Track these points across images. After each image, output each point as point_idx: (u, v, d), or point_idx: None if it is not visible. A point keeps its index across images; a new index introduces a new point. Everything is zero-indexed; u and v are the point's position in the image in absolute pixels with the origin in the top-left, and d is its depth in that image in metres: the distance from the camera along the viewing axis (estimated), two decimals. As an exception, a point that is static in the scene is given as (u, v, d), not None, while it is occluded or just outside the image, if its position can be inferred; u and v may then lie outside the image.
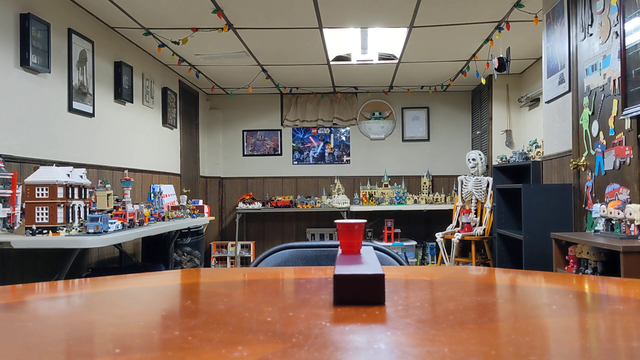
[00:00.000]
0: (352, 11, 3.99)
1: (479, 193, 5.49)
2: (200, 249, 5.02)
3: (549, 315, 0.58)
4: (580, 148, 3.26)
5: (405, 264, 1.26)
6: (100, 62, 4.16)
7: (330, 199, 6.51)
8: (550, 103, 3.78)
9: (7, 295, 0.72)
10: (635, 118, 2.61)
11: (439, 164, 6.91)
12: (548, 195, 3.49)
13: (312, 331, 0.47)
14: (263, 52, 5.06)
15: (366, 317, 0.53)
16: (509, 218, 4.49)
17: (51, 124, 3.50)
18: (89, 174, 3.58)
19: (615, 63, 2.78)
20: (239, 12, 3.99)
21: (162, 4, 3.82)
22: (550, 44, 3.73)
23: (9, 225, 2.67)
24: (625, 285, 0.77)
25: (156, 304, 0.63)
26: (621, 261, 2.18)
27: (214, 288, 0.73)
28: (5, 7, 3.07)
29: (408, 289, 0.72)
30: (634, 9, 2.56)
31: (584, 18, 3.18)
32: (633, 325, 0.51)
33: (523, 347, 0.42)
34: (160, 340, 0.49)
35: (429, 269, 0.97)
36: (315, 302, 0.64)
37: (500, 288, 0.81)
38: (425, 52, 5.11)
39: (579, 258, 2.75)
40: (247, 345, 0.44)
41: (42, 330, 0.52)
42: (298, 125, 6.97)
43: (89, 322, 0.57)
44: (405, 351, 0.42)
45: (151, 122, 5.17)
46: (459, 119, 6.96)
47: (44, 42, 3.34)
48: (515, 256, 4.34)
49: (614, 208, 2.55)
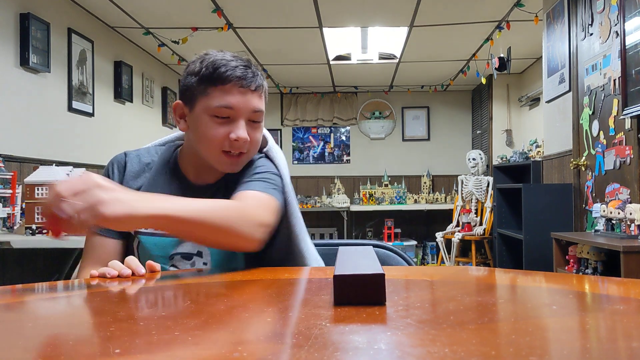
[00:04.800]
0: (352, 10, 3.99)
1: (479, 193, 5.49)
2: (200, 249, 5.01)
3: (549, 316, 0.58)
4: (581, 148, 3.26)
5: (414, 264, 1.27)
6: (100, 61, 4.16)
7: (330, 199, 6.51)
8: (550, 103, 3.78)
9: (7, 295, 0.72)
10: (635, 118, 2.61)
11: (439, 164, 6.90)
12: (548, 195, 3.49)
13: (312, 331, 0.47)
14: (263, 51, 5.06)
15: (366, 317, 0.53)
16: (509, 218, 4.48)
17: (51, 123, 3.50)
18: (89, 173, 3.57)
19: (615, 63, 2.78)
20: (239, 12, 3.99)
21: (161, 4, 3.82)
22: (551, 44, 3.72)
23: (8, 225, 2.67)
24: (625, 285, 0.77)
25: (156, 304, 0.63)
26: (621, 261, 2.18)
27: (213, 288, 0.73)
28: (5, 7, 3.06)
29: (408, 289, 0.71)
30: (634, 9, 2.56)
31: (584, 17, 3.18)
32: (633, 326, 0.51)
33: (523, 347, 0.42)
34: (160, 340, 0.49)
35: (429, 269, 0.97)
36: (315, 302, 0.64)
37: (500, 288, 0.81)
38: (425, 51, 5.11)
39: (579, 258, 2.75)
40: (246, 346, 0.44)
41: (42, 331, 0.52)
42: (298, 125, 6.97)
43: (89, 322, 0.57)
44: (405, 351, 0.42)
45: (151, 121, 5.17)
46: (459, 118, 6.96)
47: (43, 42, 3.34)
48: (516, 256, 4.33)
49: (614, 208, 2.55)
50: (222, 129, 1.02)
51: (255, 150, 1.10)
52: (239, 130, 1.02)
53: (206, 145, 1.04)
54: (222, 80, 1.01)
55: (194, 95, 1.04)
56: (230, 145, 1.03)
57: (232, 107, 1.02)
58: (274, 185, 1.06)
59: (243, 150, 1.05)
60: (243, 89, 1.02)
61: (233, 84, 1.01)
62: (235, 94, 1.02)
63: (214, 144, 1.03)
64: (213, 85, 1.02)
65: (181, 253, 1.07)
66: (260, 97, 1.07)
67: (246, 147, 1.05)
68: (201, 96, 1.03)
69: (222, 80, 1.01)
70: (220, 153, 1.04)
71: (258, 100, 1.05)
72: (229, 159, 1.05)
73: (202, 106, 1.02)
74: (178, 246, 1.07)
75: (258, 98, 1.06)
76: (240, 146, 1.03)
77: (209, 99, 1.02)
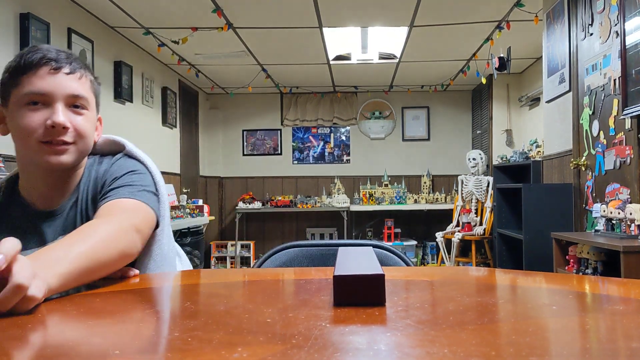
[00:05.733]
0: (352, 10, 3.99)
1: (480, 193, 5.49)
2: (200, 249, 5.02)
3: (550, 316, 0.58)
4: (581, 148, 3.26)
5: (412, 265, 1.27)
6: (100, 61, 4.16)
7: (331, 199, 6.51)
8: (550, 103, 3.78)
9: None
10: (635, 118, 2.61)
11: (439, 164, 6.90)
12: (548, 195, 3.49)
13: (312, 332, 0.47)
14: (263, 51, 5.06)
15: (366, 317, 0.53)
16: (509, 218, 4.48)
17: (51, 123, 3.49)
18: (89, 173, 3.58)
19: (615, 62, 2.78)
20: (239, 12, 3.99)
21: (161, 4, 3.82)
22: (551, 44, 3.72)
23: (9, 225, 2.66)
24: (625, 286, 0.77)
25: (156, 305, 0.63)
26: (621, 261, 2.18)
27: (213, 289, 0.73)
28: (5, 7, 3.06)
29: (408, 290, 0.71)
30: (634, 9, 2.56)
31: (584, 17, 3.18)
32: (633, 326, 0.51)
33: (523, 347, 0.42)
34: (159, 341, 0.49)
35: (429, 270, 0.97)
36: (315, 302, 0.64)
37: (500, 289, 0.81)
38: (425, 51, 5.11)
39: (579, 258, 2.75)
40: (246, 347, 0.44)
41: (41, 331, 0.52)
42: (298, 125, 6.97)
43: (89, 323, 0.57)
44: (405, 352, 0.42)
45: (151, 121, 5.17)
46: (459, 118, 6.96)
47: (43, 42, 3.34)
48: (516, 256, 4.33)
49: (615, 208, 2.55)
50: (36, 116, 0.94)
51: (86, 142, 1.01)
52: (54, 115, 0.94)
53: (24, 138, 0.95)
54: (30, 66, 0.94)
55: (8, 90, 0.97)
56: (49, 134, 0.94)
57: (43, 92, 0.94)
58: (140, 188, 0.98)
59: (66, 139, 0.96)
60: (55, 71, 0.95)
61: (42, 68, 0.94)
62: (46, 78, 0.94)
63: (30, 134, 0.94)
64: (23, 74, 0.95)
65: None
66: (80, 81, 0.99)
67: (69, 135, 0.96)
68: (13, 89, 0.96)
69: (30, 66, 0.94)
70: (40, 144, 0.95)
71: (76, 85, 0.98)
72: (50, 148, 0.95)
73: (15, 98, 0.95)
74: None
75: (76, 82, 0.98)
76: (59, 132, 0.94)
77: (20, 88, 0.95)
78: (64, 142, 0.96)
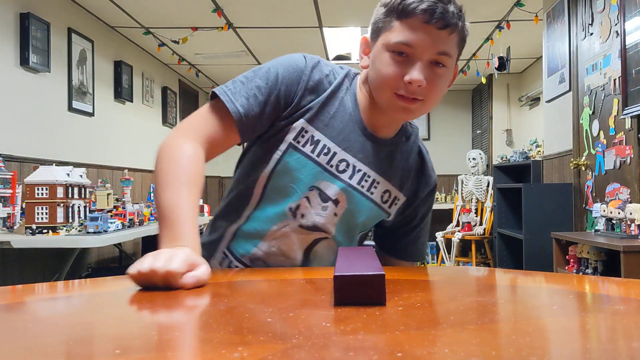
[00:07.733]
0: (352, 10, 3.99)
1: (480, 192, 5.49)
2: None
3: (550, 316, 0.58)
4: (581, 147, 3.26)
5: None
6: (100, 61, 4.16)
7: (331, 199, 6.50)
8: (550, 102, 3.78)
9: (7, 296, 0.72)
10: (635, 117, 2.61)
11: (439, 163, 6.87)
12: (548, 195, 3.49)
13: (313, 332, 0.47)
14: (263, 51, 5.06)
15: (367, 317, 0.53)
16: (509, 217, 4.48)
17: (51, 123, 3.50)
18: (88, 173, 3.58)
19: (615, 62, 2.78)
20: (239, 11, 3.99)
21: (162, 4, 3.82)
22: (551, 43, 3.72)
23: (8, 224, 2.67)
24: (625, 286, 0.77)
25: (155, 305, 0.63)
26: (621, 261, 2.18)
27: (213, 288, 0.73)
28: (5, 7, 3.06)
29: (408, 290, 0.72)
30: (635, 8, 2.56)
31: (584, 17, 3.18)
32: (634, 326, 0.51)
33: (523, 347, 0.42)
34: (160, 340, 0.49)
35: (429, 269, 0.97)
36: (316, 302, 0.64)
37: (500, 288, 0.81)
38: (425, 51, 5.10)
39: (579, 258, 2.75)
40: (247, 346, 0.44)
41: (42, 331, 0.52)
42: (298, 125, 6.95)
43: (89, 322, 0.57)
44: (405, 352, 0.42)
45: (151, 121, 5.17)
46: (459, 118, 6.96)
47: (43, 42, 3.34)
48: (516, 256, 4.34)
49: (615, 208, 2.55)
50: (397, 68, 0.91)
51: (435, 100, 0.98)
52: (414, 71, 0.90)
53: (378, 84, 0.95)
54: (405, 13, 0.89)
55: (379, 28, 0.95)
56: (404, 88, 0.92)
57: (410, 45, 0.90)
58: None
59: (417, 97, 0.93)
60: (428, 26, 0.89)
61: (416, 18, 0.89)
62: (417, 31, 0.89)
63: (387, 84, 0.93)
64: (397, 19, 0.91)
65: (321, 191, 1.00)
66: (450, 37, 0.92)
67: (422, 92, 0.93)
68: (384, 29, 0.94)
69: (405, 13, 0.89)
70: (392, 95, 0.93)
71: (445, 41, 0.91)
72: (401, 102, 0.93)
73: (383, 40, 0.93)
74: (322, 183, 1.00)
75: (446, 39, 0.91)
76: (414, 91, 0.92)
77: (390, 32, 0.92)
78: (415, 98, 0.93)
